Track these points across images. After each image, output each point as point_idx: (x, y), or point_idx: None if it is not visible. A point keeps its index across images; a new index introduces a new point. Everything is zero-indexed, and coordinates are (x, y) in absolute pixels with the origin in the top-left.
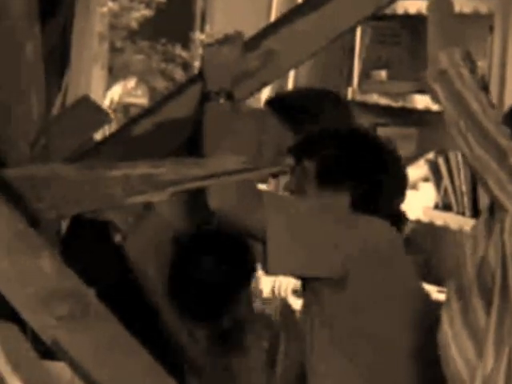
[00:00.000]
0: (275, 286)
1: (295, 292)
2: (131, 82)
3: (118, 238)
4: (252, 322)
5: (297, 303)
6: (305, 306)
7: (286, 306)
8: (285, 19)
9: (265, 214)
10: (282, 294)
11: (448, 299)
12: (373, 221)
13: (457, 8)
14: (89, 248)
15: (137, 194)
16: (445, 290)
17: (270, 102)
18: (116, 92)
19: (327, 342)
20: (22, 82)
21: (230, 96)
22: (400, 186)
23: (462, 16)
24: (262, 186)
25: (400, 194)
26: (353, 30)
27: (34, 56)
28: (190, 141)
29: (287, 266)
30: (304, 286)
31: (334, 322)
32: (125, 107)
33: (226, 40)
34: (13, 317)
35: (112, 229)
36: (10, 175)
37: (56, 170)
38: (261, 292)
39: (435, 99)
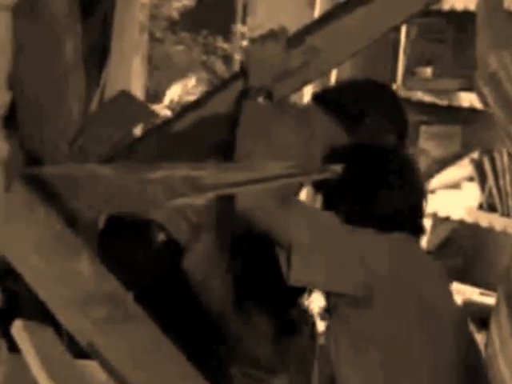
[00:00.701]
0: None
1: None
2: (191, 81)
3: (161, 236)
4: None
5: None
6: (329, 322)
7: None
8: (330, 15)
9: (292, 221)
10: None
11: (497, 306)
12: (399, 238)
13: (506, 5)
14: (125, 249)
15: (177, 197)
16: (487, 292)
17: (317, 97)
18: (175, 91)
19: (351, 358)
20: (61, 81)
21: (269, 95)
22: (414, 201)
23: None
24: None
25: (415, 210)
26: (399, 27)
27: (73, 55)
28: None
29: (310, 277)
30: (328, 301)
31: (358, 339)
32: None
33: (270, 36)
34: (48, 319)
35: (154, 228)
36: (47, 174)
37: (94, 170)
38: None
39: (484, 102)
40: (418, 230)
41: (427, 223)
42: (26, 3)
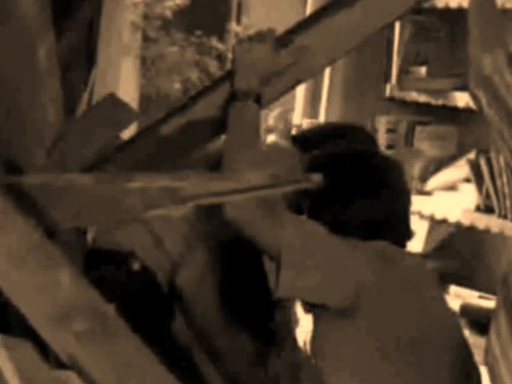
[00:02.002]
0: None
1: None
2: None
3: (136, 266)
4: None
5: None
6: (313, 332)
7: None
8: (319, 14)
9: (281, 233)
10: None
11: (496, 311)
12: (383, 245)
13: (499, 3)
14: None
15: (156, 207)
16: (486, 295)
17: (294, 139)
18: None
19: (336, 368)
20: (35, 86)
21: (258, 98)
22: (400, 205)
23: (505, 12)
24: None
25: (401, 215)
26: (391, 25)
27: (47, 59)
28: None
29: (298, 290)
30: (306, 308)
31: (341, 346)
32: None
33: (258, 37)
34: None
35: (130, 257)
36: (25, 183)
37: (73, 180)
38: None
39: (477, 104)
40: (405, 236)
41: (424, 225)
42: None
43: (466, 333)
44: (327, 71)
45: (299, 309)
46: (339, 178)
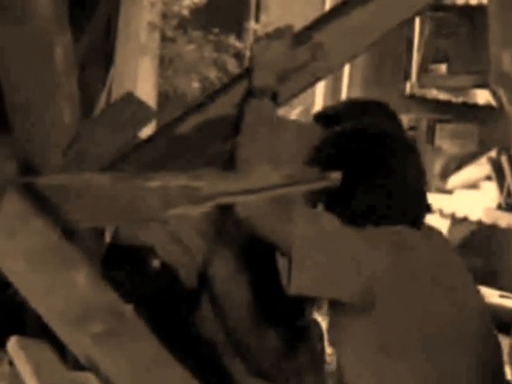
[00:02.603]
0: None
1: None
2: None
3: (155, 263)
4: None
5: None
6: (331, 331)
7: None
8: (337, 11)
9: (293, 229)
10: None
11: None
12: (401, 230)
13: None
14: (122, 277)
15: (174, 207)
16: (507, 294)
17: (316, 116)
18: None
19: (354, 364)
20: (51, 86)
21: (274, 96)
22: (414, 192)
23: None
24: None
25: (414, 202)
26: (411, 22)
27: (64, 60)
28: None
29: (309, 286)
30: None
31: (357, 340)
32: None
33: (276, 34)
34: (49, 333)
35: (149, 254)
36: (42, 184)
37: (90, 180)
38: None
39: (498, 102)
40: (421, 214)
41: (445, 224)
42: (12, 7)
43: None
44: (346, 69)
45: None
46: (358, 156)
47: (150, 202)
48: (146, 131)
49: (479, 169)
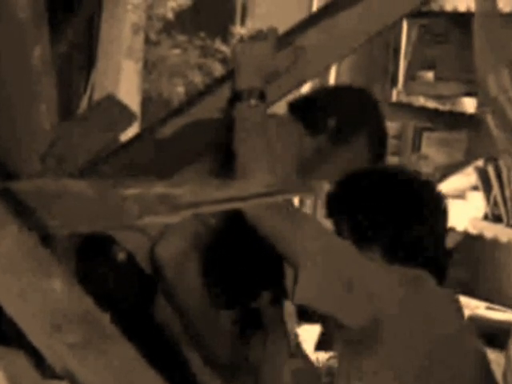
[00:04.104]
0: None
1: None
2: None
3: (121, 256)
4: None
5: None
6: (339, 360)
7: None
8: (321, 15)
9: (302, 239)
10: None
11: None
12: (413, 273)
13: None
14: (99, 269)
15: (152, 215)
16: (493, 306)
17: (290, 107)
18: None
19: None
20: (29, 90)
21: (262, 96)
22: (441, 234)
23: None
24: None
25: (441, 243)
26: (396, 27)
27: (42, 62)
28: (220, 146)
29: (314, 298)
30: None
31: (366, 373)
32: None
33: (259, 36)
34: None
35: (115, 247)
36: (18, 189)
37: (68, 185)
38: None
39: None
40: (441, 267)
41: None
42: None
43: None
44: (332, 75)
45: None
46: (389, 198)
47: (128, 209)
48: (128, 134)
49: (466, 178)
